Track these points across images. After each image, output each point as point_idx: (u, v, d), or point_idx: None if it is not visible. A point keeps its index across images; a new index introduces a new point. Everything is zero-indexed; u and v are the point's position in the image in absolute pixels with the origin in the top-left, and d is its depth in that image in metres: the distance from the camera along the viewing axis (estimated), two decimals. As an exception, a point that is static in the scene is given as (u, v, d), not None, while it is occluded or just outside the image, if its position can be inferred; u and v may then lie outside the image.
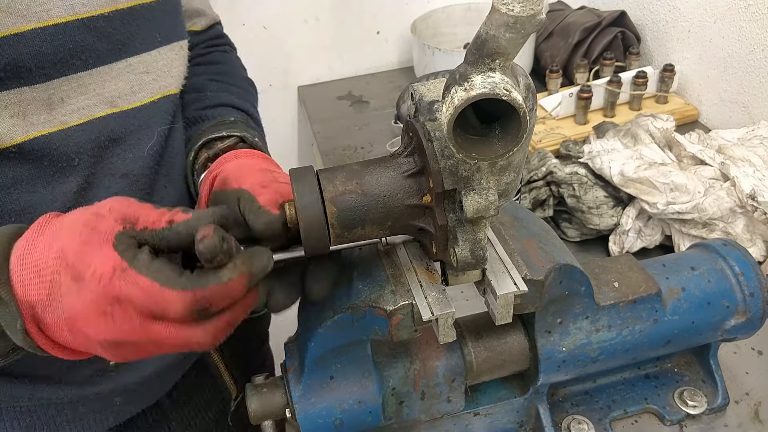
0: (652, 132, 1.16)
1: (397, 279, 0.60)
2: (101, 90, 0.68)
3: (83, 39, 0.65)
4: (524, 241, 0.65)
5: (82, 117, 0.67)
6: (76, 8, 0.64)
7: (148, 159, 0.72)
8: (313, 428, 0.65)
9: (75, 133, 0.66)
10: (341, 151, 1.50)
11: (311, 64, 1.79)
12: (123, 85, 0.70)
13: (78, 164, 0.67)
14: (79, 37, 0.64)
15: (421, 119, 0.55)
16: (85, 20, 0.65)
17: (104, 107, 0.69)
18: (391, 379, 0.68)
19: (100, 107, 0.68)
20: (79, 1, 0.64)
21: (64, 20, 0.63)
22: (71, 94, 0.66)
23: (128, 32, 0.70)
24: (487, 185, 0.52)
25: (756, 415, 0.80)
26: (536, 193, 1.15)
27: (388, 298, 0.59)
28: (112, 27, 0.68)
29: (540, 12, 0.39)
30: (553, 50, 1.61)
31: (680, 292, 0.73)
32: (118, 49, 0.69)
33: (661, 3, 1.50)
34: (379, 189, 0.55)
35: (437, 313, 0.56)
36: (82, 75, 0.66)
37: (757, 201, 0.97)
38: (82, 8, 0.65)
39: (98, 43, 0.67)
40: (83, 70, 0.66)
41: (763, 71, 1.26)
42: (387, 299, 0.59)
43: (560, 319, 0.70)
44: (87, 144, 0.67)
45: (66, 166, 0.66)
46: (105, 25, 0.67)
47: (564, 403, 0.78)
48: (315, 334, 0.62)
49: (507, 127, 0.45)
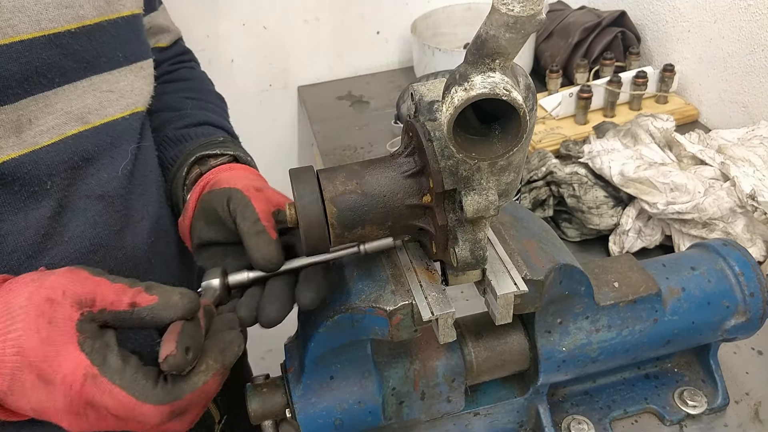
0: (652, 132, 1.16)
1: (397, 279, 0.60)
2: (69, 108, 0.66)
3: (50, 56, 0.62)
4: (524, 241, 0.65)
5: (53, 137, 0.64)
6: (43, 24, 0.61)
7: (122, 179, 0.70)
8: (313, 428, 0.65)
9: (47, 155, 0.63)
10: (341, 151, 1.49)
11: (311, 64, 1.79)
12: (91, 101, 0.68)
13: (51, 187, 0.63)
14: (46, 54, 0.62)
15: (421, 119, 0.55)
16: (52, 36, 0.62)
17: (75, 124, 0.66)
18: (391, 379, 0.68)
19: (71, 125, 0.66)
20: (45, 16, 0.61)
21: (30, 36, 0.60)
22: (39, 114, 0.63)
23: (94, 50, 0.68)
24: (487, 185, 0.52)
25: (756, 415, 0.80)
26: (536, 193, 1.15)
27: (388, 298, 0.59)
28: (79, 44, 0.65)
29: (540, 12, 0.39)
30: (553, 50, 1.61)
31: (680, 292, 0.73)
32: (83, 67, 0.67)
33: (661, 3, 1.50)
34: (379, 189, 0.55)
35: (437, 313, 0.56)
36: (48, 94, 0.63)
37: (757, 201, 0.97)
38: (48, 24, 0.62)
39: (64, 60, 0.64)
40: (49, 89, 0.63)
41: (763, 71, 1.26)
42: (387, 299, 0.59)
43: (560, 319, 0.70)
44: (60, 165, 0.64)
45: (38, 190, 0.63)
46: (71, 42, 0.64)
47: (564, 403, 0.78)
48: (315, 334, 0.62)
49: (507, 127, 0.45)
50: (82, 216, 0.66)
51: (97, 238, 0.67)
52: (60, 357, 0.47)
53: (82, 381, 0.47)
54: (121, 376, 0.48)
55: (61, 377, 0.47)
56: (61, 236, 0.64)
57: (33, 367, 0.47)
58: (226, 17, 1.63)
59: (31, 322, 0.48)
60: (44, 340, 0.47)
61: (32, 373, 0.47)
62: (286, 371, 0.67)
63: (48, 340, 0.47)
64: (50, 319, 0.48)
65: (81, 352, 0.48)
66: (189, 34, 1.63)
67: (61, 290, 0.49)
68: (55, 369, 0.47)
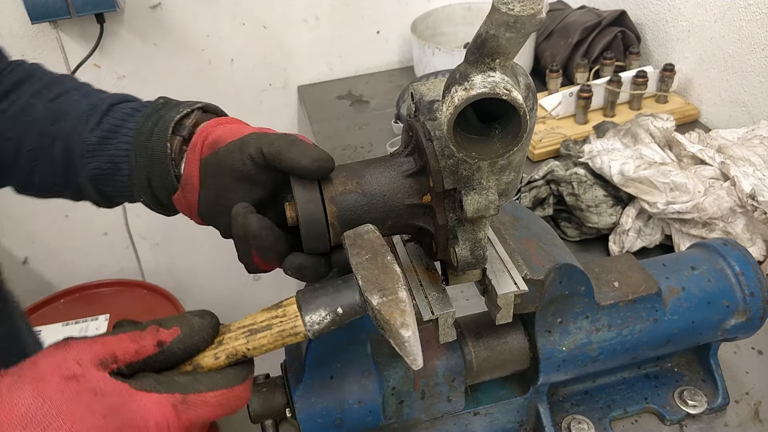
0: (652, 132, 1.16)
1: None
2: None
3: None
4: (524, 241, 0.65)
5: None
6: None
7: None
8: (313, 427, 0.65)
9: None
10: (341, 151, 1.49)
11: (311, 63, 1.79)
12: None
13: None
14: None
15: (421, 119, 0.55)
16: None
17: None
18: (391, 378, 0.68)
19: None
20: None
21: None
22: None
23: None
24: (487, 185, 0.52)
25: (756, 414, 0.80)
26: (536, 191, 1.15)
27: (388, 298, 0.58)
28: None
29: (540, 11, 0.39)
30: (553, 50, 1.61)
31: (680, 291, 0.73)
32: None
33: (661, 3, 1.50)
34: (379, 188, 0.55)
35: (437, 312, 0.56)
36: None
37: (757, 200, 0.97)
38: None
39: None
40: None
41: (763, 71, 1.26)
42: (387, 299, 0.58)
43: (560, 319, 0.70)
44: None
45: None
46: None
47: (564, 402, 0.78)
48: (315, 333, 0.62)
49: (507, 126, 0.45)
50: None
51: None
52: (137, 413, 0.43)
53: (174, 413, 0.44)
54: (201, 384, 0.46)
55: (154, 428, 0.43)
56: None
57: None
58: (226, 17, 1.63)
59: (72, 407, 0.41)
60: (106, 413, 0.41)
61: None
62: (286, 371, 0.67)
63: (109, 409, 0.42)
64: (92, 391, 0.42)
65: (150, 393, 0.44)
66: (189, 34, 1.64)
67: (73, 362, 0.42)
68: (142, 427, 0.42)
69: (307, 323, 0.49)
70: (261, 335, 0.49)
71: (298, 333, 0.49)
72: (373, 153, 1.48)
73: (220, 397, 0.47)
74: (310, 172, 0.54)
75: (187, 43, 1.64)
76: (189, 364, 0.48)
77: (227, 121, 0.64)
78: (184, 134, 0.63)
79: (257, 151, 0.56)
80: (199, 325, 0.48)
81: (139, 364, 0.45)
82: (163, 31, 1.62)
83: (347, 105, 1.70)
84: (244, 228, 0.55)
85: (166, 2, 1.57)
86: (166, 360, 0.47)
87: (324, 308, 0.49)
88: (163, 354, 0.46)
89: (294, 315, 0.49)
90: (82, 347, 0.43)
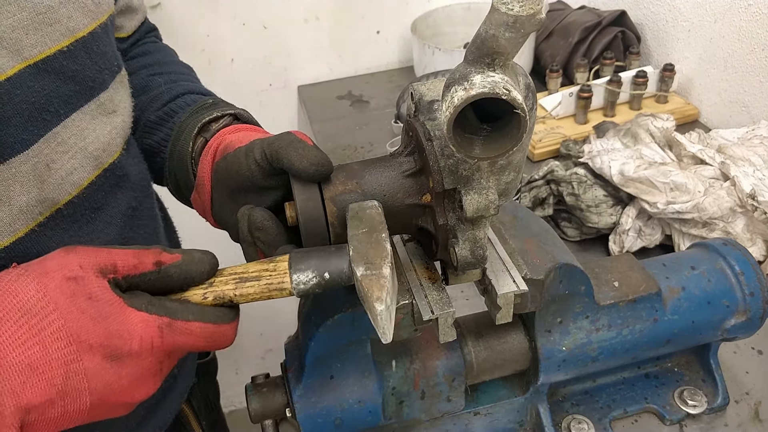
0: (652, 131, 1.16)
1: (397, 278, 0.60)
2: (83, 143, 0.58)
3: (44, 86, 0.54)
4: (524, 241, 0.65)
5: (72, 190, 0.57)
6: (24, 53, 0.52)
7: (121, 226, 0.64)
8: (313, 427, 0.65)
9: (67, 211, 0.57)
10: (341, 151, 1.49)
11: (311, 63, 1.79)
12: (100, 130, 0.60)
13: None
14: (39, 85, 0.53)
15: (421, 118, 0.55)
16: (39, 63, 0.53)
17: (91, 168, 0.60)
18: (391, 378, 0.68)
19: (87, 169, 0.59)
20: (26, 42, 0.52)
21: (14, 71, 0.51)
22: (54, 156, 0.55)
23: (94, 64, 0.60)
24: (487, 184, 0.52)
25: (756, 414, 0.80)
26: (536, 191, 1.15)
27: (388, 298, 0.59)
28: (76, 63, 0.57)
29: (539, 11, 0.39)
30: (553, 50, 1.61)
31: (680, 291, 0.73)
32: (88, 87, 0.59)
33: (661, 3, 1.50)
34: (379, 188, 0.55)
35: (437, 312, 0.56)
36: (57, 130, 0.55)
37: (757, 200, 0.97)
38: (32, 50, 0.53)
39: (63, 86, 0.56)
40: (56, 124, 0.55)
41: (763, 71, 1.26)
42: (387, 299, 0.58)
43: (560, 319, 0.70)
44: (75, 224, 0.58)
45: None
46: (66, 63, 0.56)
47: (564, 402, 0.78)
48: (315, 333, 0.62)
49: (507, 126, 0.45)
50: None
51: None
52: (124, 325, 0.44)
53: (159, 334, 0.46)
54: (191, 313, 0.47)
55: (137, 343, 0.45)
56: None
57: (96, 349, 0.43)
58: (226, 17, 1.63)
59: (68, 305, 0.43)
60: (96, 317, 0.43)
61: (97, 355, 0.43)
62: (286, 371, 0.67)
63: (99, 315, 0.44)
64: (88, 294, 0.44)
65: (140, 312, 0.45)
66: (189, 34, 1.64)
67: (76, 264, 0.45)
68: (126, 339, 0.44)
69: (294, 281, 0.51)
70: (249, 284, 0.51)
71: (284, 289, 0.51)
72: (373, 153, 1.48)
73: (204, 330, 0.48)
74: (308, 176, 0.54)
75: (187, 43, 1.64)
76: (179, 296, 0.50)
77: (246, 129, 0.67)
78: (207, 136, 0.67)
79: (261, 156, 0.57)
80: (199, 258, 0.50)
81: (135, 279, 0.48)
82: (163, 31, 1.61)
83: (347, 105, 1.70)
84: (249, 221, 0.56)
85: (166, 2, 1.57)
86: (161, 281, 0.49)
87: (312, 270, 0.51)
88: (159, 274, 0.48)
89: (283, 271, 0.51)
90: (88, 253, 0.46)
